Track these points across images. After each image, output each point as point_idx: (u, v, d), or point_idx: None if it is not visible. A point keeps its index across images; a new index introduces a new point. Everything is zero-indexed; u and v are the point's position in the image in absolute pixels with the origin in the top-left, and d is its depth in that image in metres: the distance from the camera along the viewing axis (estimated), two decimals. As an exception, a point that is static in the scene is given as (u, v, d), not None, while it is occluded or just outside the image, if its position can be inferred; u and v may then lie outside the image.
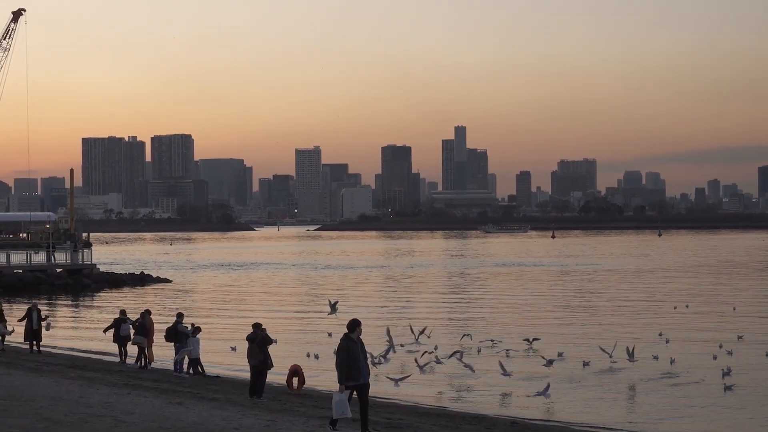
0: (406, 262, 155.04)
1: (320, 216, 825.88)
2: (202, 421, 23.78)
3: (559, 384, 38.25)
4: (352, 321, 23.84)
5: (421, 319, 62.55)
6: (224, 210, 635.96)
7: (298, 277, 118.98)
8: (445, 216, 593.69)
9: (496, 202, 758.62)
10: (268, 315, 63.70)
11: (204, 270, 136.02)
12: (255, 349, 32.17)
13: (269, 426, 24.04)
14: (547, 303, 78.13)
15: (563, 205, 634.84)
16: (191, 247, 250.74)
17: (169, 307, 76.23)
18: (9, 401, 24.89)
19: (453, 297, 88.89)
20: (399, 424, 26.76)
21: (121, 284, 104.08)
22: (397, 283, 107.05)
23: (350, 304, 75.63)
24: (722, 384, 37.01)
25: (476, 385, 38.97)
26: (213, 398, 30.99)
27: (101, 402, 26.39)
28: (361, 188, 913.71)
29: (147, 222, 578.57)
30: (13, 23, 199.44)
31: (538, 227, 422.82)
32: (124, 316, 43.23)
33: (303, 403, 31.69)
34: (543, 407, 33.93)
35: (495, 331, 55.99)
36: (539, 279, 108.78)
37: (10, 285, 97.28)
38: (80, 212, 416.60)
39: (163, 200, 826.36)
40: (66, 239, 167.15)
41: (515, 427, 29.76)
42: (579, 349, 48.39)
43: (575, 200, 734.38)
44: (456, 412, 32.62)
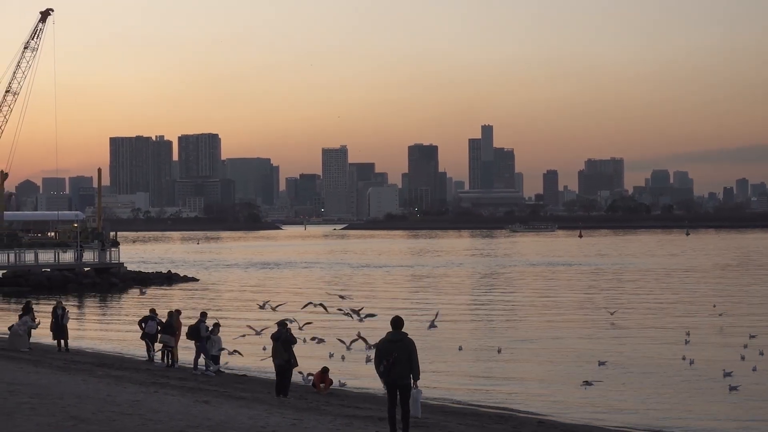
0: (435, 261, 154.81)
1: (347, 215, 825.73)
2: (228, 420, 23.78)
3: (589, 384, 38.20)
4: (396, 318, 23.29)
5: (451, 318, 62.39)
6: (251, 209, 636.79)
7: (325, 276, 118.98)
8: (472, 215, 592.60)
9: (522, 201, 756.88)
10: (295, 314, 63.66)
11: (231, 269, 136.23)
12: (279, 348, 32.17)
13: (295, 424, 24.01)
14: (585, 303, 77.94)
15: (590, 205, 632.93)
16: (218, 246, 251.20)
17: (196, 306, 76.43)
18: (37, 399, 24.97)
19: (483, 296, 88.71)
20: (425, 423, 26.69)
21: (149, 283, 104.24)
22: (425, 282, 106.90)
23: (378, 304, 75.68)
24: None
25: (503, 384, 38.89)
26: (240, 397, 31.01)
27: (128, 400, 26.43)
28: (388, 187, 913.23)
29: (174, 221, 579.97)
30: (41, 23, 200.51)
31: (565, 226, 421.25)
32: (152, 314, 43.35)
33: (329, 402, 31.67)
34: (570, 407, 33.82)
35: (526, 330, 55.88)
36: (575, 278, 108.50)
37: (39, 284, 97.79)
38: (108, 211, 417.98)
39: (190, 199, 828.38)
40: (94, 238, 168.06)
41: (542, 427, 29.65)
42: (614, 349, 48.22)
43: (602, 199, 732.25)
44: (483, 410, 32.54)
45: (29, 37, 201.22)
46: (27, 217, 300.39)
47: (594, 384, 32.99)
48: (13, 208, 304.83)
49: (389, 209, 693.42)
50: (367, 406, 30.65)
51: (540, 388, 37.83)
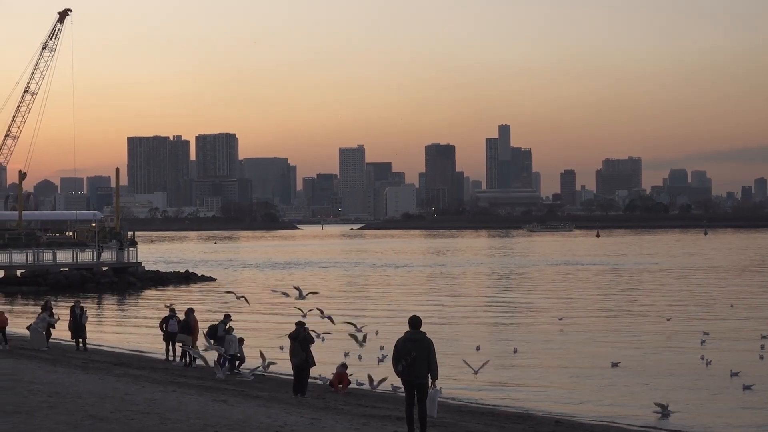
0: (454, 260, 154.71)
1: (364, 215, 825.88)
2: (246, 419, 23.82)
3: (606, 383, 38.17)
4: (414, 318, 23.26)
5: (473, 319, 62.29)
6: (268, 209, 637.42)
7: (342, 275, 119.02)
8: (489, 215, 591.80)
9: (540, 200, 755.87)
10: (313, 313, 63.71)
11: (248, 268, 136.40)
12: (297, 348, 32.20)
13: (313, 424, 24.03)
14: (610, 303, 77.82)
15: (608, 204, 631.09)
16: (235, 246, 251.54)
17: (213, 306, 76.54)
18: (55, 398, 25.06)
19: (501, 296, 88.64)
20: (443, 423, 26.68)
21: (166, 282, 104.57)
22: (443, 281, 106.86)
23: (400, 303, 75.86)
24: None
25: (521, 383, 38.87)
26: (257, 396, 31.04)
27: (146, 399, 26.50)
28: (405, 187, 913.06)
29: (191, 221, 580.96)
30: (60, 23, 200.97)
31: (583, 226, 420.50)
32: (173, 313, 43.45)
33: (347, 401, 31.68)
34: (587, 406, 33.79)
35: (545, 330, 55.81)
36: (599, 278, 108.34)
37: (57, 283, 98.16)
38: (125, 211, 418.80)
39: (208, 199, 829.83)
40: (111, 238, 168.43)
41: (560, 427, 29.60)
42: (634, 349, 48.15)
43: (620, 199, 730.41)
44: (501, 410, 32.51)
45: (47, 38, 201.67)
46: (45, 216, 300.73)
47: (669, 408, 32.64)
48: (31, 207, 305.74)
49: (406, 209, 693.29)
50: (385, 406, 30.65)
51: (557, 388, 37.80)
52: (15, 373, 31.48)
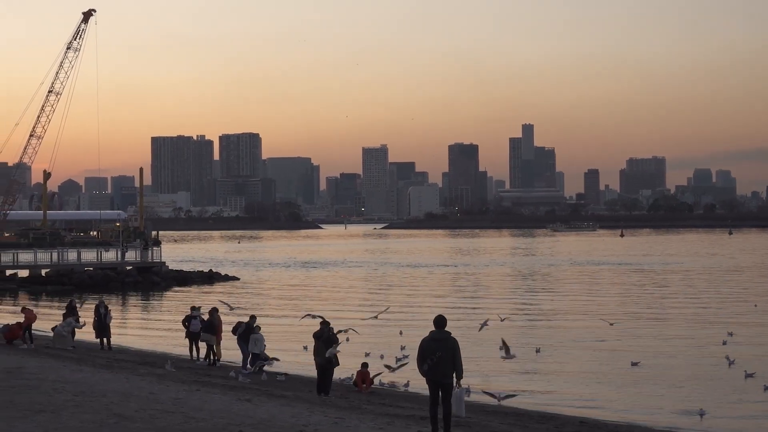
0: (478, 260, 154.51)
1: (387, 214, 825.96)
2: (270, 418, 23.85)
3: (628, 383, 38.07)
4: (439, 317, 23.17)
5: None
6: (292, 208, 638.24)
7: (366, 275, 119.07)
8: (513, 214, 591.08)
9: (563, 200, 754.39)
10: (336, 313, 63.81)
11: (272, 268, 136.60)
12: (321, 347, 32.23)
13: (337, 423, 24.05)
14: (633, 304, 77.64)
15: (632, 204, 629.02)
16: (259, 245, 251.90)
17: (238, 305, 76.68)
18: (81, 397, 25.15)
19: (525, 296, 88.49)
20: (467, 422, 26.65)
21: (190, 282, 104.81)
22: (467, 281, 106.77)
23: (423, 303, 75.83)
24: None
25: (544, 384, 38.81)
26: (281, 395, 31.07)
27: (171, 398, 26.57)
28: (428, 186, 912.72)
29: (215, 220, 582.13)
30: (84, 24, 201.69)
31: (607, 226, 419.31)
32: (195, 312, 43.54)
33: (371, 400, 31.69)
34: (612, 407, 33.72)
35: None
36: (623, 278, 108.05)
37: (82, 282, 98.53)
38: (149, 210, 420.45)
39: (231, 199, 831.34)
40: (135, 237, 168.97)
41: (584, 426, 29.54)
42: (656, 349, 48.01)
43: (644, 198, 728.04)
44: (524, 410, 32.46)
45: (72, 38, 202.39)
46: (70, 216, 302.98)
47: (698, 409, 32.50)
48: (56, 207, 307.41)
49: (429, 208, 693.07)
50: (409, 405, 30.65)
51: (581, 388, 37.71)
52: (40, 372, 31.62)
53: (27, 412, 21.73)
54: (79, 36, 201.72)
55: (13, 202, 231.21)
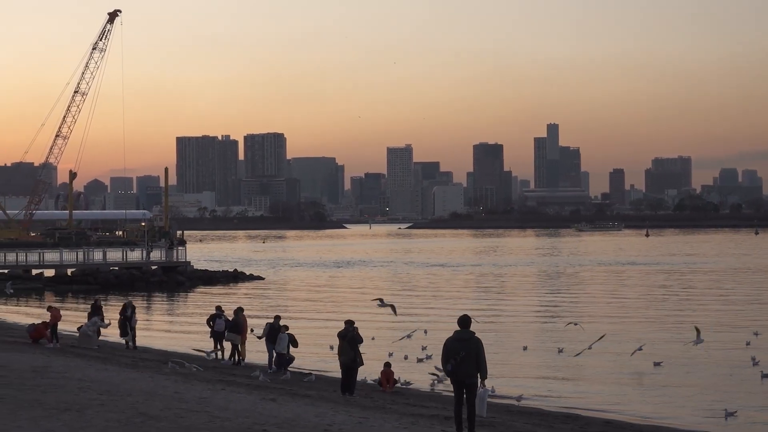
0: (504, 260, 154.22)
1: (412, 214, 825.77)
2: (295, 417, 23.87)
3: (652, 383, 37.95)
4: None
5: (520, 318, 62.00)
6: (316, 208, 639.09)
7: (390, 275, 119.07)
8: (538, 214, 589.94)
9: (589, 200, 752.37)
10: (360, 313, 63.84)
11: (297, 268, 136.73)
12: (346, 347, 32.23)
13: (362, 423, 24.05)
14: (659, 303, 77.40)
15: (657, 204, 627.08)
16: (284, 245, 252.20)
17: (262, 305, 76.83)
18: (106, 396, 25.23)
19: (550, 296, 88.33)
20: (492, 422, 26.63)
21: (215, 281, 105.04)
22: (493, 281, 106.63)
23: (449, 303, 75.82)
24: None
25: (568, 384, 38.73)
26: (306, 395, 31.10)
27: (196, 398, 26.62)
28: (453, 186, 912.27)
29: (240, 220, 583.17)
30: (109, 24, 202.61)
31: (632, 226, 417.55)
32: (219, 312, 43.63)
33: (395, 400, 31.69)
34: (636, 407, 33.62)
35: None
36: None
37: (107, 282, 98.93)
38: (174, 210, 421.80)
39: (256, 198, 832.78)
40: (161, 237, 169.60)
41: (609, 427, 29.47)
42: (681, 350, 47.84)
43: (670, 198, 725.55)
44: (549, 410, 32.40)
45: (97, 38, 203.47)
46: (95, 215, 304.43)
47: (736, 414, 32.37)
48: (81, 207, 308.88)
49: (454, 208, 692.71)
50: (433, 405, 30.65)
51: (604, 389, 37.61)
52: (66, 371, 31.74)
53: (53, 410, 21.82)
54: (104, 36, 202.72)
55: (39, 202, 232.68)
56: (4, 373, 29.49)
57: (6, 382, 27.00)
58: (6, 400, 23.21)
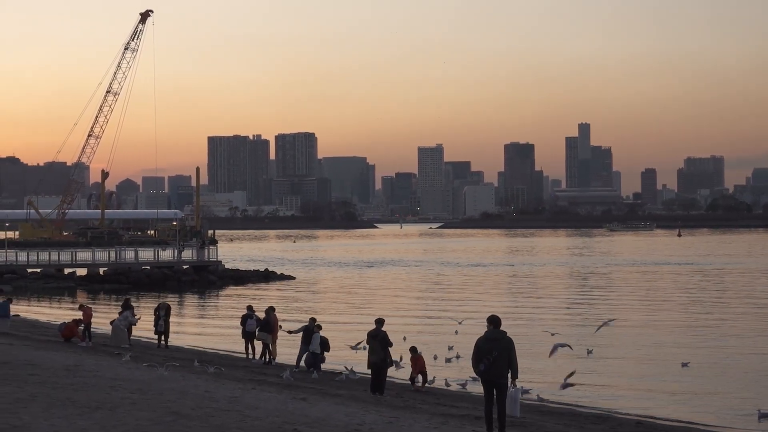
0: (536, 259, 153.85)
1: (443, 214, 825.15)
2: (325, 417, 23.89)
3: (683, 384, 37.79)
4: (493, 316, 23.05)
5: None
6: (347, 208, 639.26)
7: (421, 275, 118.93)
8: (569, 214, 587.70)
9: (620, 200, 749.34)
10: (392, 313, 63.82)
11: (327, 267, 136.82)
12: (376, 346, 32.22)
13: (392, 423, 24.03)
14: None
15: (690, 203, 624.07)
16: (314, 245, 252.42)
17: (293, 304, 76.95)
18: (138, 395, 25.33)
19: (581, 295, 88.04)
20: (522, 423, 26.57)
21: (246, 281, 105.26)
22: (523, 280, 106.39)
23: (478, 303, 75.73)
24: None
25: (598, 384, 38.58)
26: (336, 394, 31.13)
27: (227, 397, 26.68)
28: (484, 186, 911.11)
29: (271, 219, 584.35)
30: (141, 24, 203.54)
31: (664, 226, 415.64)
32: (250, 312, 43.74)
33: (425, 400, 31.67)
34: (667, 407, 33.47)
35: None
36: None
37: (139, 281, 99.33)
38: (206, 210, 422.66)
39: (287, 198, 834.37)
40: (192, 236, 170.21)
41: (641, 427, 29.35)
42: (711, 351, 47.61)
43: (702, 198, 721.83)
44: (580, 410, 32.30)
45: (129, 38, 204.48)
46: (127, 215, 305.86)
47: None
48: (113, 206, 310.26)
49: (485, 208, 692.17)
50: (464, 405, 30.61)
51: (634, 389, 37.45)
52: (98, 369, 31.90)
53: (85, 409, 21.91)
54: (136, 36, 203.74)
55: (72, 202, 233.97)
56: (37, 371, 29.67)
57: (39, 381, 27.16)
58: (39, 398, 23.34)
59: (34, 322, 62.26)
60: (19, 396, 23.61)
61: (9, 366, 30.81)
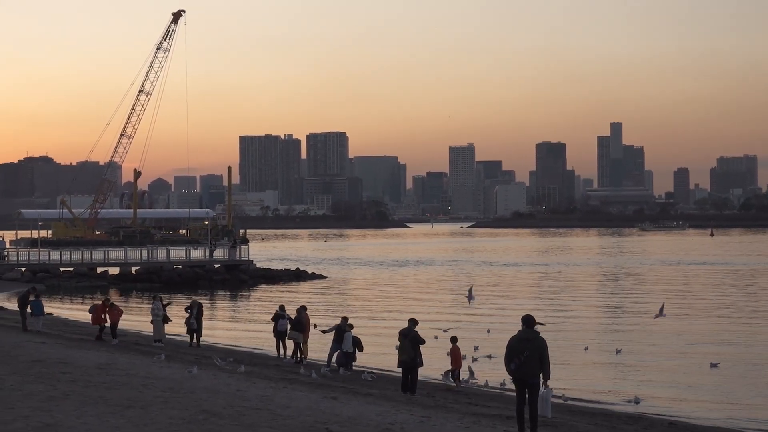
0: (568, 259, 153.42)
1: (474, 213, 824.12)
2: (356, 416, 23.90)
3: (712, 384, 37.60)
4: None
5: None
6: (378, 207, 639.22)
7: (452, 274, 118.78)
8: (601, 213, 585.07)
9: (652, 199, 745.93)
10: (423, 312, 63.79)
11: (359, 266, 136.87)
12: (407, 345, 32.18)
13: (423, 422, 24.03)
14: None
15: (722, 203, 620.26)
16: (346, 244, 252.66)
17: (325, 303, 77.00)
18: (169, 393, 25.42)
19: (613, 295, 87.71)
20: (554, 423, 26.50)
21: (277, 280, 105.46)
22: (558, 280, 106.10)
23: (515, 302, 75.64)
24: None
25: (630, 384, 38.44)
26: (367, 393, 31.14)
27: (258, 395, 26.74)
28: (515, 185, 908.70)
29: (302, 219, 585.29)
30: (173, 24, 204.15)
31: (697, 225, 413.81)
32: (282, 312, 43.80)
33: (457, 399, 31.65)
34: (701, 408, 33.30)
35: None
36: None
37: (170, 280, 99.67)
38: (237, 209, 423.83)
39: (318, 197, 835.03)
40: (223, 235, 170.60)
41: (673, 428, 29.23)
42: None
43: (735, 198, 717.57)
44: (612, 410, 32.19)
45: (161, 38, 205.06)
46: (159, 214, 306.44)
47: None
48: (145, 205, 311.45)
49: (516, 207, 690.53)
50: (495, 405, 30.55)
51: (663, 389, 37.27)
52: (130, 368, 32.04)
53: (117, 407, 22.02)
54: (168, 36, 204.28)
55: (104, 201, 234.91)
56: (70, 370, 29.83)
57: (72, 379, 27.30)
58: (72, 396, 23.47)
59: (66, 321, 62.60)
60: (52, 394, 23.75)
61: (42, 364, 30.99)
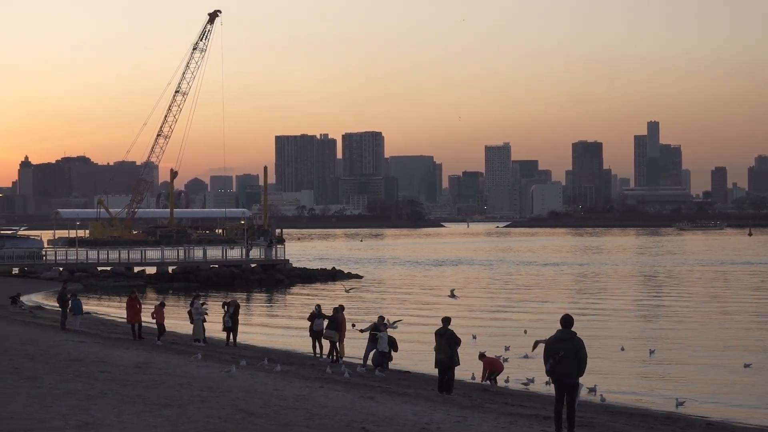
0: (605, 258, 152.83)
1: (510, 212, 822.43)
2: (393, 415, 23.90)
3: (748, 385, 37.40)
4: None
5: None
6: (414, 206, 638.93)
7: (490, 273, 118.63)
8: (637, 213, 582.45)
9: (690, 198, 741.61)
10: (459, 312, 63.77)
11: (394, 266, 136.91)
12: (444, 344, 32.08)
13: (460, 422, 24.01)
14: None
15: (761, 202, 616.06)
16: (381, 244, 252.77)
17: (361, 303, 77.06)
18: (207, 392, 25.51)
19: (650, 295, 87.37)
20: (591, 423, 26.42)
21: (313, 279, 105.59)
22: (595, 280, 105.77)
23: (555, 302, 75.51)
24: None
25: (667, 384, 38.27)
26: (404, 393, 31.13)
27: (295, 395, 26.79)
28: (552, 185, 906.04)
29: (338, 218, 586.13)
30: (210, 24, 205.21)
31: (735, 225, 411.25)
32: (318, 311, 43.85)
33: (494, 399, 31.59)
34: (739, 409, 33.11)
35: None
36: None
37: (207, 279, 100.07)
38: (273, 209, 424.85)
39: (354, 197, 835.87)
40: (260, 235, 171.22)
41: (711, 429, 29.06)
42: None
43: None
44: (649, 411, 32.04)
45: (198, 38, 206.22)
46: (195, 214, 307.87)
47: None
48: (182, 205, 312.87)
49: (552, 207, 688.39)
50: (532, 405, 30.48)
51: (703, 390, 37.08)
52: (168, 367, 32.19)
53: (154, 406, 22.11)
54: (205, 36, 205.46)
55: (141, 201, 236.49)
56: (108, 369, 29.99)
57: (110, 378, 27.45)
58: (110, 395, 23.59)
59: (103, 320, 62.99)
60: (90, 393, 23.88)
61: (80, 363, 31.18)
